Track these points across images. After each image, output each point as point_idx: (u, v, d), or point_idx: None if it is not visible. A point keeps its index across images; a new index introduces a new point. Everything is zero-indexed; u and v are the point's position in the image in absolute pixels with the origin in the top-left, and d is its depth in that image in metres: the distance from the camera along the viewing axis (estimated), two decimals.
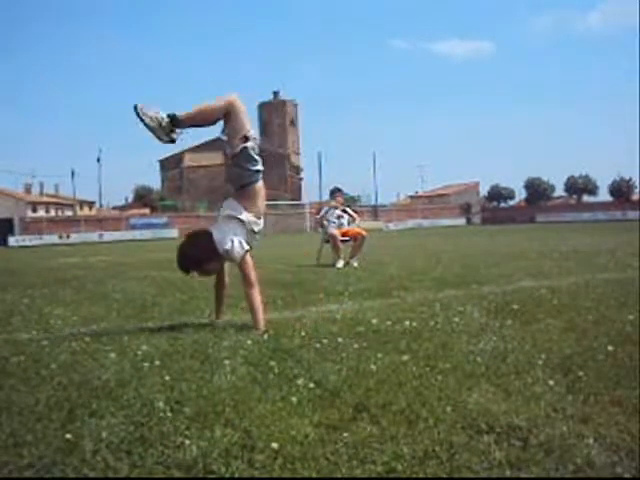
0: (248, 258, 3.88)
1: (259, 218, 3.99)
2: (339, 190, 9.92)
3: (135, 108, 3.62)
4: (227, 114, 3.81)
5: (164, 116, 3.67)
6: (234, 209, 3.88)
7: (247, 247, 3.87)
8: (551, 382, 2.41)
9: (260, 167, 3.94)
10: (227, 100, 3.81)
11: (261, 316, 3.84)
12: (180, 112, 3.76)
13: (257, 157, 3.89)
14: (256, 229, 3.96)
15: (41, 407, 2.33)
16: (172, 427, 2.06)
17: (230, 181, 4.02)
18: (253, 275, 3.89)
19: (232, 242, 3.77)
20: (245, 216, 3.88)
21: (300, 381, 2.54)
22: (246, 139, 3.79)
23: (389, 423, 2.03)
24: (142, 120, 3.61)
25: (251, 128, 3.87)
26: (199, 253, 3.85)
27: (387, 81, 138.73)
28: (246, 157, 3.81)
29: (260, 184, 3.97)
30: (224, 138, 3.88)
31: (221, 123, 3.89)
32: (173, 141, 3.76)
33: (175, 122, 3.70)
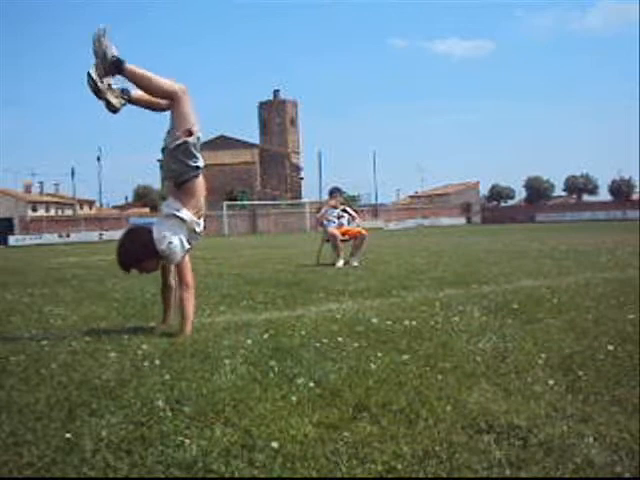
0: (186, 259, 3.75)
1: (200, 217, 3.78)
2: (338, 190, 9.92)
3: (98, 29, 3.42)
4: (173, 101, 3.62)
5: (115, 54, 3.45)
6: (175, 207, 3.67)
7: (187, 246, 3.70)
8: (551, 381, 2.41)
9: (200, 163, 3.71)
10: (175, 87, 3.60)
11: (190, 321, 3.72)
12: (131, 65, 3.54)
13: (198, 153, 3.68)
14: (197, 229, 3.75)
15: (41, 406, 2.33)
16: (172, 426, 2.06)
17: (169, 177, 3.77)
18: (190, 277, 3.77)
19: (171, 242, 3.58)
20: (185, 214, 3.66)
21: (300, 380, 2.54)
22: (190, 133, 3.60)
23: (389, 422, 2.03)
24: (94, 43, 3.43)
25: (196, 123, 3.66)
26: (137, 250, 3.66)
27: (387, 80, 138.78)
28: (185, 152, 3.60)
29: (200, 180, 3.76)
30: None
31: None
32: (115, 109, 3.57)
33: (119, 64, 3.47)
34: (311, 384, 2.48)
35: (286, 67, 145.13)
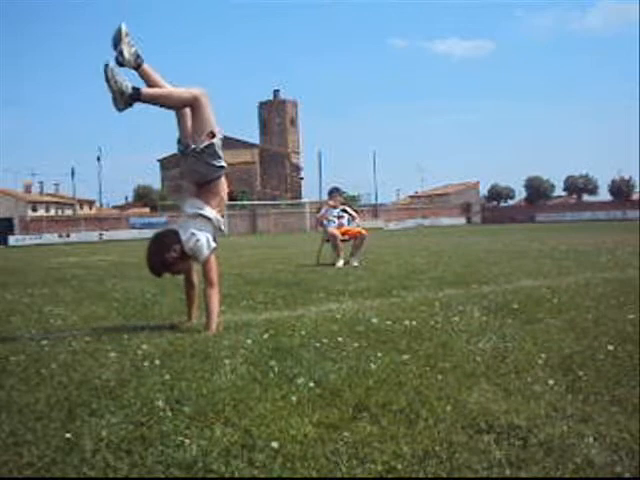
0: (212, 257, 3.82)
1: (222, 215, 3.92)
2: (337, 190, 9.92)
3: (106, 67, 3.46)
4: (192, 108, 3.72)
5: (129, 86, 3.50)
6: (199, 206, 3.79)
7: (214, 245, 3.80)
8: (551, 381, 2.41)
9: (224, 163, 3.85)
10: (194, 93, 3.70)
11: (215, 318, 3.79)
12: (146, 89, 3.65)
13: (222, 153, 3.82)
14: (221, 227, 3.90)
15: (41, 406, 2.32)
16: (172, 426, 2.06)
17: (191, 177, 3.87)
18: (215, 275, 3.84)
19: (198, 240, 3.69)
20: (210, 212, 3.80)
21: (300, 380, 2.54)
22: (213, 135, 3.72)
23: (389, 422, 2.03)
24: (108, 81, 3.46)
25: (215, 124, 3.78)
26: (167, 254, 3.71)
27: (387, 80, 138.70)
28: (211, 153, 3.73)
29: (223, 180, 3.91)
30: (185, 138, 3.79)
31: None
32: (121, 110, 3.58)
33: (136, 96, 3.53)
34: (311, 384, 2.48)
35: (286, 67, 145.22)
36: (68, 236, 40.43)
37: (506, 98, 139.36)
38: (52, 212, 62.44)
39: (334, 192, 9.77)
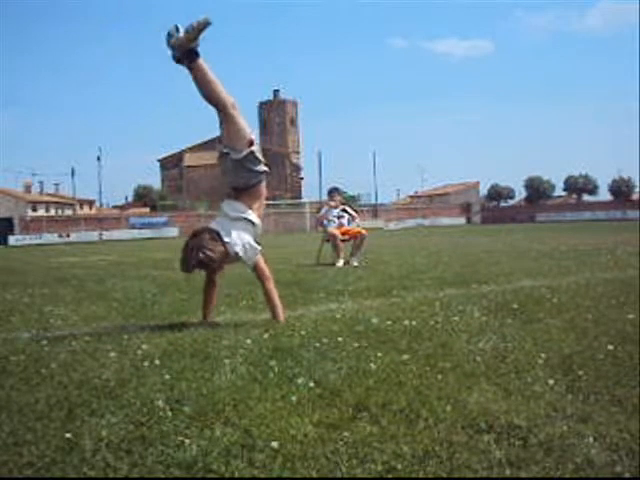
0: (260, 256, 3.98)
1: (261, 218, 4.07)
2: (337, 190, 9.93)
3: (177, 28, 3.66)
4: (227, 114, 3.83)
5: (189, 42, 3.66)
6: (241, 210, 3.93)
7: (259, 248, 3.96)
8: (551, 381, 2.41)
9: (265, 167, 4.00)
10: (230, 100, 3.84)
11: (281, 308, 4.01)
12: (203, 61, 3.75)
13: (262, 158, 3.97)
14: (260, 229, 4.05)
15: (41, 406, 2.32)
16: (172, 426, 2.06)
17: (233, 182, 3.99)
18: (267, 270, 4.02)
19: (245, 245, 3.84)
20: (253, 217, 3.96)
21: (300, 380, 2.54)
22: (251, 143, 3.87)
23: (389, 422, 2.03)
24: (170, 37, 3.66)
25: (251, 130, 3.95)
26: (207, 252, 3.78)
27: (387, 80, 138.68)
28: (252, 160, 3.88)
29: (264, 184, 4.07)
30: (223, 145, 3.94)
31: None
32: (179, 60, 3.74)
33: (193, 55, 3.69)
34: (311, 384, 2.48)
35: (286, 67, 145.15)
36: (68, 236, 40.43)
37: (506, 98, 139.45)
38: (52, 212, 62.45)
39: (334, 192, 9.77)
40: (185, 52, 3.69)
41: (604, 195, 57.61)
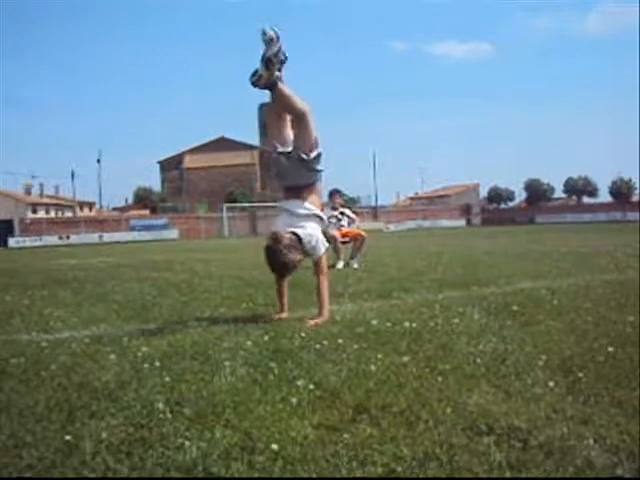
0: (324, 251, 4.19)
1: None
2: (337, 191, 9.92)
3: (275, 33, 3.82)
4: (303, 121, 4.06)
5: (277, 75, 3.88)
6: (309, 207, 4.15)
7: (328, 245, 4.19)
8: (551, 383, 2.41)
9: (323, 166, 4.26)
10: (307, 108, 4.05)
11: (327, 306, 4.15)
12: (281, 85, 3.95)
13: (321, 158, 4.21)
14: (325, 223, 4.37)
15: (41, 408, 2.32)
16: (172, 428, 2.06)
17: (294, 181, 4.18)
18: (326, 267, 4.25)
19: (318, 239, 4.08)
20: (321, 213, 4.24)
21: (300, 382, 2.54)
22: (317, 144, 4.11)
23: (389, 424, 2.03)
24: (268, 43, 3.81)
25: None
26: (292, 255, 3.92)
27: (387, 82, 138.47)
28: (319, 161, 4.15)
29: (321, 182, 4.36)
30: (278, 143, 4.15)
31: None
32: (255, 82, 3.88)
33: (274, 83, 3.88)
34: (311, 386, 2.48)
35: (286, 67, 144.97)
36: (68, 238, 40.42)
37: (506, 100, 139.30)
38: (52, 214, 62.50)
39: (334, 194, 9.77)
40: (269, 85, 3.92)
41: (604, 197, 57.70)
